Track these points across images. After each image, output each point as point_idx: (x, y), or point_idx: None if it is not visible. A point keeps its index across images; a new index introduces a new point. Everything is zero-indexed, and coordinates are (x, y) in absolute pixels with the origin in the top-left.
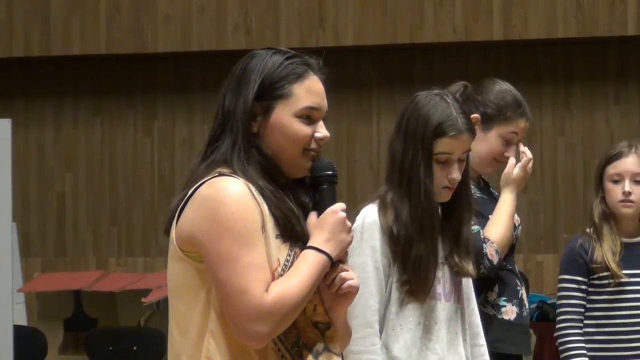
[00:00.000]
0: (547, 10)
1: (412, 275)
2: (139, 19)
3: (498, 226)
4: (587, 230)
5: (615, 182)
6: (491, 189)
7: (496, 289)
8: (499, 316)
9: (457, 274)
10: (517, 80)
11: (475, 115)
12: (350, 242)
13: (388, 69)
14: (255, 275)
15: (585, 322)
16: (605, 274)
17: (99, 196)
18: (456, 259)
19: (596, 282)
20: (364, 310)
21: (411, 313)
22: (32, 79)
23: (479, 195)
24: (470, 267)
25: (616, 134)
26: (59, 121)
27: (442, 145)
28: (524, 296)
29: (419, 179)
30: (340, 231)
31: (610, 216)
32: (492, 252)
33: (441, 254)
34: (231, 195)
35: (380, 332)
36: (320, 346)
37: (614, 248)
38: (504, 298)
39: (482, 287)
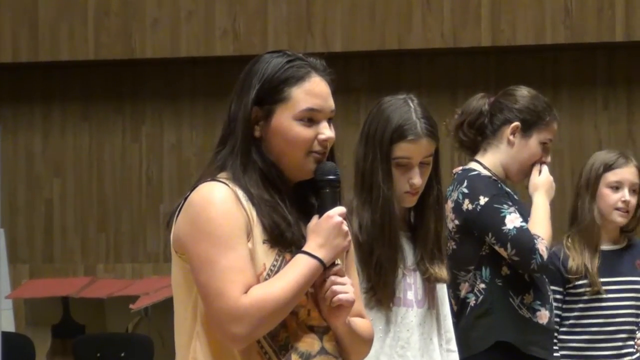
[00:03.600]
0: (535, 16)
1: (375, 281)
2: (127, 24)
3: (540, 225)
4: (565, 238)
5: (615, 189)
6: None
7: (532, 292)
8: (534, 320)
9: (429, 281)
10: (505, 86)
11: (515, 124)
12: (346, 247)
13: (376, 74)
14: (233, 278)
15: (561, 329)
16: (582, 282)
17: (87, 202)
18: (427, 264)
19: (572, 290)
20: None
21: (380, 321)
22: (21, 84)
23: (517, 198)
24: (443, 273)
25: (604, 140)
26: (47, 127)
27: (401, 150)
28: (553, 302)
29: (377, 183)
30: (335, 236)
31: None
32: (543, 248)
33: (412, 260)
34: (213, 201)
35: None
36: (314, 349)
37: (595, 257)
38: (538, 302)
39: (520, 289)
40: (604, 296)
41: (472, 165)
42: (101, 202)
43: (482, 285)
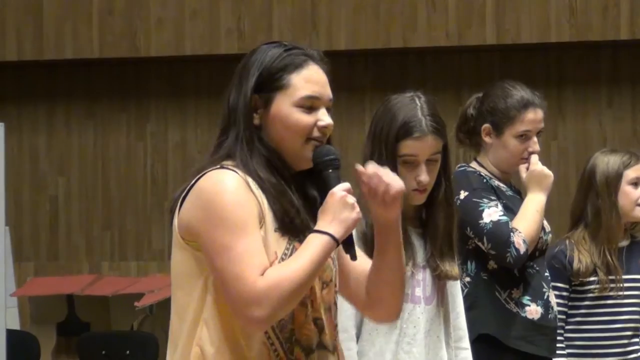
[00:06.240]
0: (540, 14)
1: None
2: (131, 23)
3: (524, 220)
4: (572, 236)
5: (634, 185)
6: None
7: (521, 287)
8: (522, 314)
9: (439, 277)
10: None
11: (485, 127)
12: (356, 220)
13: (381, 73)
14: (250, 261)
15: (567, 327)
16: (591, 279)
17: (91, 200)
18: (437, 261)
19: (579, 288)
20: (339, 315)
21: None
22: (25, 83)
23: (510, 194)
24: (454, 270)
25: (609, 138)
26: (51, 125)
27: (407, 147)
28: (551, 299)
29: None
30: (342, 210)
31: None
32: (519, 242)
33: (422, 256)
34: (226, 187)
35: (358, 337)
36: (313, 343)
37: (617, 256)
38: (528, 297)
39: (508, 283)
40: (611, 294)
41: (472, 164)
42: (106, 200)
43: (468, 279)
